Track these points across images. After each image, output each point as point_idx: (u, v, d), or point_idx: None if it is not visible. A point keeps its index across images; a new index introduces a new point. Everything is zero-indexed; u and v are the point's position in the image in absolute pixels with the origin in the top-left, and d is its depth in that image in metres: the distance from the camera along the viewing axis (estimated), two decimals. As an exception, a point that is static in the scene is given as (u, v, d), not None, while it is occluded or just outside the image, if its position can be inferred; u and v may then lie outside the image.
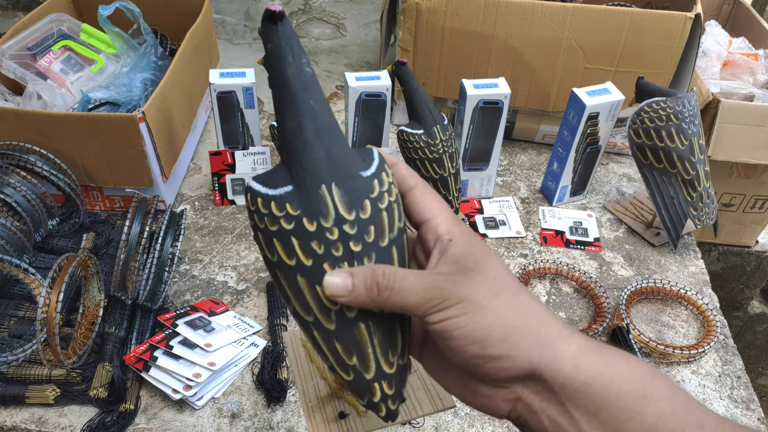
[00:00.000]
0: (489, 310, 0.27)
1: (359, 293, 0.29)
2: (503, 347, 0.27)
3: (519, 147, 1.04)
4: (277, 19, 0.31)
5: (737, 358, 0.70)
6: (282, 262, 0.30)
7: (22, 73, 0.84)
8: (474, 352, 0.27)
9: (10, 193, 0.70)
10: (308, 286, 0.30)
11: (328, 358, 0.31)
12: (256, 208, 0.31)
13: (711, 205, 0.79)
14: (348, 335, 0.30)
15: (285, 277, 0.31)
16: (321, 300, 0.30)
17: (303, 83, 0.31)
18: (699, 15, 0.86)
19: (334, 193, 0.30)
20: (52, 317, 0.57)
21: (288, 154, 0.31)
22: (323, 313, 0.30)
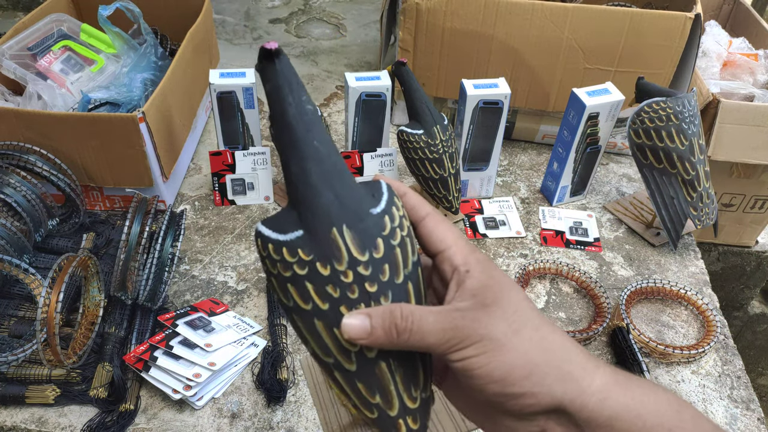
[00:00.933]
0: (510, 347, 0.27)
1: (378, 335, 0.28)
2: (526, 385, 0.27)
3: (519, 147, 1.04)
4: (274, 57, 0.30)
5: (737, 358, 0.70)
6: (298, 306, 0.30)
7: (22, 73, 0.84)
8: (495, 390, 0.27)
9: (10, 193, 0.70)
10: (326, 329, 0.30)
11: (352, 398, 0.31)
12: (268, 254, 0.30)
13: (711, 206, 0.79)
14: (369, 375, 0.30)
15: (302, 321, 0.30)
16: (340, 342, 0.30)
17: (305, 123, 0.30)
18: (699, 15, 0.86)
19: (345, 235, 0.30)
20: (52, 317, 0.57)
21: (295, 198, 0.31)
22: (343, 355, 0.30)
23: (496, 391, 0.27)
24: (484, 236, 0.85)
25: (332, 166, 0.31)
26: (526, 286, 0.77)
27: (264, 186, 0.87)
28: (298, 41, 1.35)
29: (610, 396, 0.27)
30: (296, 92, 0.31)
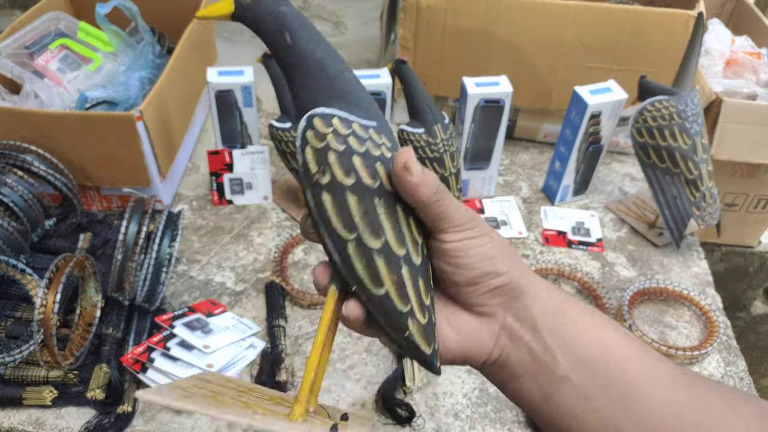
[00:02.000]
0: (498, 238, 0.33)
1: (428, 186, 0.30)
2: (507, 265, 0.32)
3: (521, 146, 1.03)
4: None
5: (740, 359, 0.69)
6: (360, 183, 0.29)
7: (18, 72, 0.83)
8: (484, 269, 0.32)
9: (6, 192, 0.70)
10: (386, 207, 0.30)
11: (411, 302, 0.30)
12: (335, 129, 0.30)
13: (714, 205, 0.79)
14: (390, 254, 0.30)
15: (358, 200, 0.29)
16: (397, 219, 0.30)
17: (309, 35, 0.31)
18: (701, 13, 0.85)
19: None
20: (49, 318, 0.56)
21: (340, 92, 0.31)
22: (398, 240, 0.30)
23: (485, 269, 0.32)
24: (485, 236, 0.84)
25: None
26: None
27: (263, 185, 0.87)
28: (298, 39, 1.34)
29: (555, 293, 0.33)
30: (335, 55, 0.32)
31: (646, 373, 0.30)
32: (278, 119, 0.78)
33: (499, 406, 0.63)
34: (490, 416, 0.62)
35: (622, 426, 0.29)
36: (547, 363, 0.31)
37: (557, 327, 0.31)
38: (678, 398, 0.29)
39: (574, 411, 0.30)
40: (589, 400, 0.30)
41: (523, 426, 0.61)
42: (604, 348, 0.30)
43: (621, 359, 0.30)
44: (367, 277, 0.29)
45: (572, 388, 0.30)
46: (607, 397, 0.30)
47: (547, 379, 0.31)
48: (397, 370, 0.64)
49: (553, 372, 0.31)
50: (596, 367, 0.30)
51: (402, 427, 0.60)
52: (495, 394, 0.64)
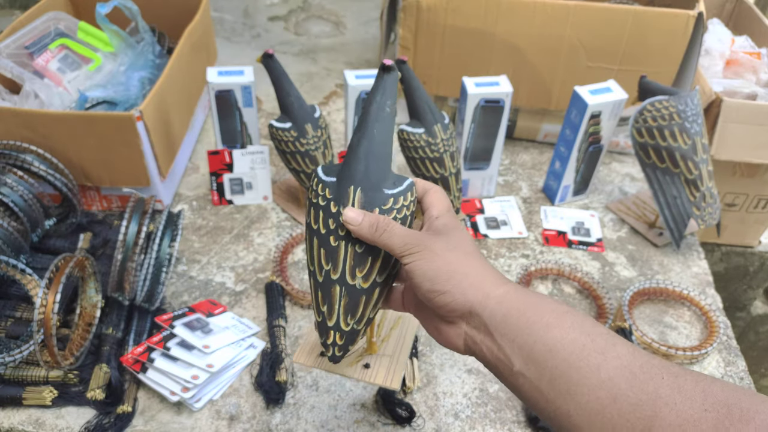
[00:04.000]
0: (441, 258, 0.38)
1: (364, 227, 0.40)
2: (446, 285, 0.38)
3: (521, 146, 1.03)
4: (386, 70, 0.43)
5: (740, 359, 0.69)
6: (310, 224, 0.44)
7: (19, 72, 0.83)
8: (427, 287, 0.38)
9: (6, 192, 0.70)
10: (317, 247, 0.43)
11: (312, 299, 0.44)
12: (312, 184, 0.44)
13: (714, 205, 0.78)
14: (327, 289, 0.42)
15: (308, 235, 0.44)
16: (321, 258, 0.42)
17: (377, 117, 0.43)
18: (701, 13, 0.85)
19: (356, 194, 0.42)
20: (49, 318, 0.56)
21: (345, 158, 0.43)
22: (318, 268, 0.43)
23: (428, 287, 0.38)
24: (486, 236, 0.84)
25: (377, 150, 0.42)
26: (528, 287, 0.77)
27: (263, 185, 0.87)
28: (297, 39, 1.34)
29: (505, 300, 0.37)
30: (385, 96, 0.43)
31: (588, 367, 0.33)
32: (278, 119, 0.78)
33: (499, 406, 0.63)
34: (490, 416, 0.62)
35: (572, 413, 0.33)
36: (503, 361, 0.36)
37: (507, 332, 0.36)
38: (618, 385, 0.32)
39: (533, 400, 0.35)
40: (541, 392, 0.34)
41: (523, 426, 0.61)
42: (549, 348, 0.34)
43: (565, 357, 0.34)
44: None
45: (527, 382, 0.35)
46: (554, 389, 0.34)
47: (506, 374, 0.37)
48: (397, 370, 0.64)
49: (509, 369, 0.36)
50: (543, 366, 0.34)
51: (402, 427, 0.60)
52: (495, 394, 0.64)
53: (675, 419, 0.30)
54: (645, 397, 0.31)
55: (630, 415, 0.31)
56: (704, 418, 0.29)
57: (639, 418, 0.31)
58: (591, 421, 0.32)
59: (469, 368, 0.67)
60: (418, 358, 0.66)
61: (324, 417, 0.61)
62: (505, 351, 0.36)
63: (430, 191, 0.44)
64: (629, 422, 0.31)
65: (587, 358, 0.33)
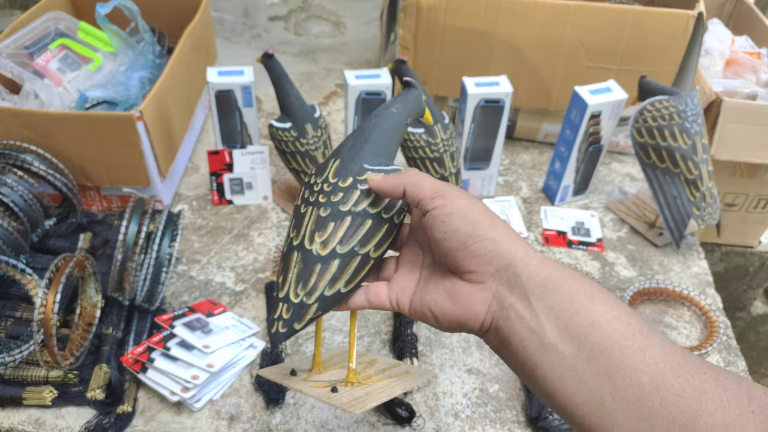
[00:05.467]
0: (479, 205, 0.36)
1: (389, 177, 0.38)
2: (491, 231, 0.34)
3: (521, 146, 1.03)
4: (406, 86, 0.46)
5: (740, 359, 0.69)
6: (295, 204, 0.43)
7: (18, 72, 0.83)
8: (468, 231, 0.34)
9: (6, 192, 0.70)
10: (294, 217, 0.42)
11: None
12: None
13: (714, 205, 0.78)
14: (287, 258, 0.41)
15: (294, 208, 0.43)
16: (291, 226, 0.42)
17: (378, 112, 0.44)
18: (701, 13, 0.85)
19: (335, 164, 0.42)
20: (49, 318, 0.56)
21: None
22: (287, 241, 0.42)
23: (469, 231, 0.34)
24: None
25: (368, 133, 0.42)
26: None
27: (263, 185, 0.87)
28: (297, 39, 1.34)
29: (546, 263, 0.34)
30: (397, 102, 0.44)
31: (633, 348, 0.30)
32: (278, 119, 0.78)
33: (499, 406, 0.63)
34: (490, 416, 0.62)
35: (606, 398, 0.30)
36: (535, 330, 0.32)
37: (546, 297, 0.32)
38: (662, 372, 0.29)
39: (561, 381, 0.31)
40: (575, 371, 0.30)
41: (523, 426, 0.61)
42: (592, 322, 0.31)
43: (608, 334, 0.30)
44: None
45: (558, 357, 0.31)
46: (592, 369, 0.30)
47: (534, 347, 0.32)
48: (397, 370, 0.64)
49: (540, 340, 0.32)
50: (583, 340, 0.30)
51: (402, 427, 0.60)
52: (495, 394, 0.64)
53: (721, 417, 0.28)
54: (690, 390, 0.28)
55: (673, 407, 0.28)
56: (752, 419, 0.27)
57: (682, 411, 0.28)
58: (629, 408, 0.29)
59: (469, 368, 0.67)
60: (418, 358, 0.66)
61: (324, 417, 0.61)
62: (540, 318, 0.32)
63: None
64: (671, 414, 0.28)
65: (632, 338, 0.30)
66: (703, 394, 0.28)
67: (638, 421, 0.29)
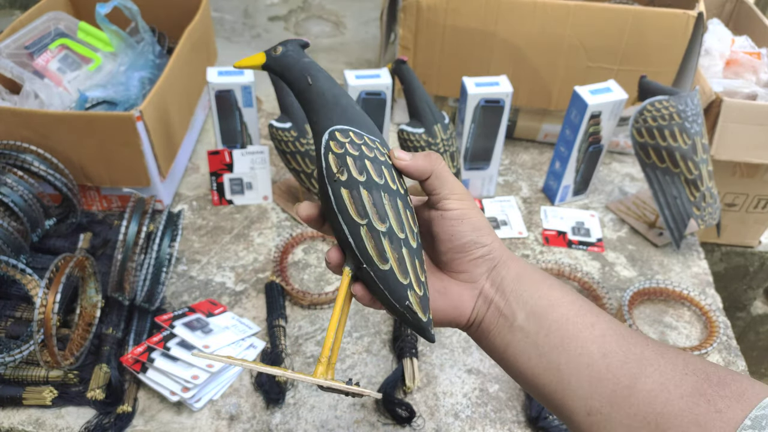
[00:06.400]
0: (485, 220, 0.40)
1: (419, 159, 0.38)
2: (489, 239, 0.39)
3: (521, 146, 1.03)
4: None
5: (740, 359, 0.69)
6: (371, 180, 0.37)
7: (19, 72, 0.83)
8: (472, 238, 0.38)
9: (6, 192, 0.70)
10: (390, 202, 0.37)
11: (409, 275, 0.36)
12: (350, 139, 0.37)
13: (714, 205, 0.78)
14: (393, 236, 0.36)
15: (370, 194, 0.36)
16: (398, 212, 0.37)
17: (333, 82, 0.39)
18: (701, 13, 0.85)
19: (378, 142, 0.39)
20: (49, 318, 0.56)
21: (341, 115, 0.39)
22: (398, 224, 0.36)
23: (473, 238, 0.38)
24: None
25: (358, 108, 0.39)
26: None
27: (263, 185, 0.87)
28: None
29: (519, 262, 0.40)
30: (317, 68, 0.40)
31: (583, 323, 0.36)
32: (278, 119, 0.78)
33: (499, 406, 0.63)
34: (490, 416, 0.62)
35: (562, 367, 0.35)
36: (507, 316, 0.38)
37: (517, 288, 0.38)
38: (609, 343, 0.35)
39: (526, 355, 0.37)
40: (537, 345, 0.36)
41: (523, 426, 0.61)
42: (551, 303, 0.37)
43: (564, 312, 0.37)
44: (376, 254, 0.35)
45: (524, 336, 0.37)
46: (549, 342, 0.36)
47: (506, 330, 0.38)
48: (397, 370, 0.64)
49: (511, 323, 0.38)
50: (543, 318, 0.37)
51: (402, 427, 0.60)
52: (495, 394, 0.64)
53: (658, 378, 0.33)
54: (632, 357, 0.34)
55: (617, 371, 0.34)
56: (685, 380, 0.32)
57: (625, 374, 0.33)
58: (580, 373, 0.35)
59: (469, 368, 0.67)
60: (418, 358, 0.66)
61: (324, 417, 0.61)
62: (512, 306, 0.38)
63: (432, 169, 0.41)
64: (615, 377, 0.34)
65: (584, 315, 0.36)
66: (643, 360, 0.34)
67: (588, 385, 0.34)
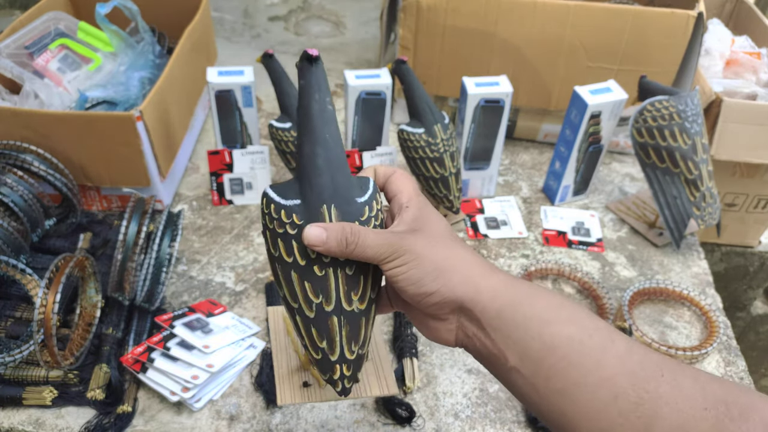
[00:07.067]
0: (424, 258, 0.35)
1: (331, 244, 0.36)
2: (433, 286, 0.35)
3: (521, 146, 1.03)
4: (313, 62, 0.38)
5: (740, 359, 0.69)
6: (282, 257, 0.38)
7: (19, 72, 0.83)
8: (413, 291, 0.36)
9: (6, 192, 0.70)
10: (299, 281, 0.38)
11: (304, 339, 0.38)
12: (269, 212, 0.38)
13: (714, 205, 0.78)
14: (322, 323, 0.38)
15: (282, 269, 0.38)
16: (307, 293, 0.37)
17: (324, 119, 0.38)
18: (701, 13, 0.85)
19: (332, 212, 0.37)
20: (49, 318, 0.56)
21: (301, 173, 0.38)
22: (306, 304, 0.38)
23: (414, 291, 0.36)
24: (486, 236, 0.84)
25: (335, 157, 0.38)
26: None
27: (262, 185, 0.87)
28: (297, 39, 1.34)
29: (498, 294, 0.35)
30: (323, 93, 0.38)
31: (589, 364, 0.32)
32: (278, 119, 0.78)
33: (499, 406, 0.63)
34: (490, 416, 0.62)
35: (568, 412, 0.32)
36: (497, 356, 0.35)
37: (501, 327, 0.35)
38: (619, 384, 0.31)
39: (527, 397, 0.35)
40: (536, 389, 0.34)
41: (523, 426, 0.61)
42: (546, 345, 0.33)
43: (563, 354, 0.33)
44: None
45: (521, 378, 0.34)
46: (551, 387, 0.33)
47: (499, 368, 0.36)
48: (397, 370, 0.64)
49: (503, 364, 0.35)
50: (539, 362, 0.33)
51: (402, 427, 0.60)
52: (495, 394, 0.64)
53: (676, 418, 0.30)
54: (646, 396, 0.31)
55: (630, 415, 0.30)
56: (704, 416, 0.29)
57: (639, 417, 0.30)
58: (590, 420, 0.32)
59: (469, 368, 0.67)
60: (418, 358, 0.66)
61: (324, 417, 0.61)
62: (499, 346, 0.34)
63: (394, 176, 0.41)
64: (629, 421, 0.30)
65: (587, 355, 0.32)
66: (658, 399, 0.30)
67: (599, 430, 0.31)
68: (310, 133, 0.38)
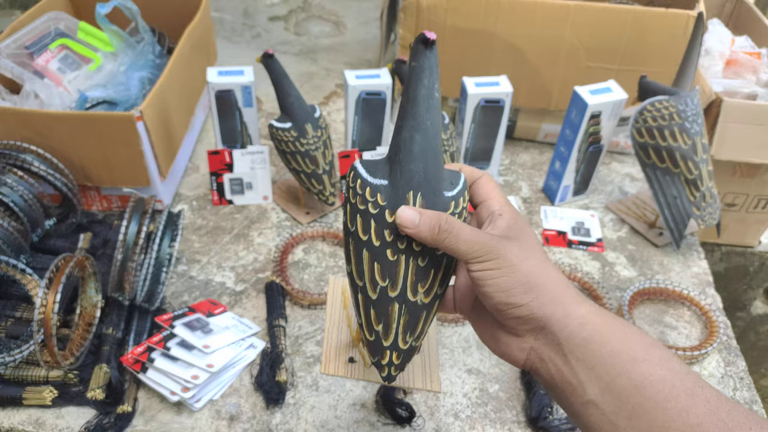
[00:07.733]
0: (519, 268, 0.34)
1: (423, 229, 0.35)
2: (525, 298, 0.34)
3: (521, 146, 1.03)
4: (429, 45, 0.36)
5: (740, 359, 0.69)
6: (357, 234, 0.37)
7: (19, 72, 0.83)
8: (500, 300, 0.34)
9: (6, 192, 0.70)
10: (369, 261, 0.37)
11: (361, 318, 0.39)
12: (354, 186, 0.38)
13: (714, 205, 0.78)
14: (383, 308, 0.38)
15: (354, 245, 0.38)
16: (374, 274, 0.37)
17: (428, 105, 0.37)
18: (701, 13, 0.85)
19: (417, 200, 0.37)
20: (49, 318, 0.56)
21: (393, 156, 0.38)
22: (371, 284, 0.37)
23: (501, 300, 0.34)
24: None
25: (432, 146, 0.37)
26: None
27: (262, 185, 0.87)
28: (297, 39, 1.34)
29: (588, 322, 0.33)
30: (432, 79, 0.37)
31: (676, 409, 0.30)
32: (278, 119, 0.79)
33: (499, 406, 0.63)
34: (490, 416, 0.62)
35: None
36: (573, 386, 0.33)
37: (586, 358, 0.33)
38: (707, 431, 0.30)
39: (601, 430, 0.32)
40: (616, 426, 0.32)
41: (523, 426, 0.61)
42: (634, 384, 0.31)
43: (651, 395, 0.31)
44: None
45: (598, 413, 0.32)
46: (634, 427, 0.31)
47: (575, 399, 0.33)
48: (397, 370, 0.64)
49: (580, 395, 0.33)
50: (624, 399, 0.31)
51: (402, 427, 0.60)
52: (495, 394, 0.64)
53: None
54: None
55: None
56: None
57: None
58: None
59: (469, 368, 0.67)
60: (418, 358, 0.66)
61: (324, 417, 0.61)
62: (579, 376, 0.33)
63: (481, 180, 0.39)
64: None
65: (676, 398, 0.31)
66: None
67: None
68: (411, 118, 0.37)
